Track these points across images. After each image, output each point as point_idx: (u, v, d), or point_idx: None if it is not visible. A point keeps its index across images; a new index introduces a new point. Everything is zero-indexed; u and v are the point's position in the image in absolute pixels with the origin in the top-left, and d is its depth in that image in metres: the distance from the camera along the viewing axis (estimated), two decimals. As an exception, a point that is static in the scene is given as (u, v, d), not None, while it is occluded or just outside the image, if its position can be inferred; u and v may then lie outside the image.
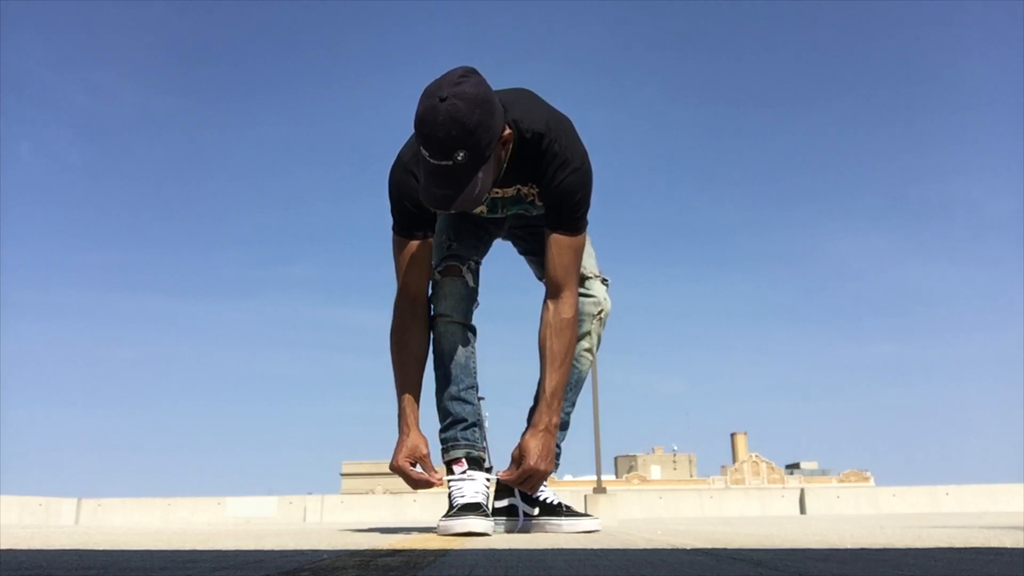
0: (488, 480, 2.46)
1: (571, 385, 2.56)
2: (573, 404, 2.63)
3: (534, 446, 2.30)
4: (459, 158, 2.03)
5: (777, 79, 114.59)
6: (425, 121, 2.03)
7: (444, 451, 2.51)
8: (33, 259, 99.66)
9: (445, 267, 2.52)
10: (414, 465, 2.39)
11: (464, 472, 2.45)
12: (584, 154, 2.33)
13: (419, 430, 2.42)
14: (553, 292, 2.40)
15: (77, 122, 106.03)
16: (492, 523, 2.31)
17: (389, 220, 2.47)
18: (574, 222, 2.35)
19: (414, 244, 2.39)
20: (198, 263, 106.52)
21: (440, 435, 2.52)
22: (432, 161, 2.05)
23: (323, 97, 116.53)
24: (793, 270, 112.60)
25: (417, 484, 2.39)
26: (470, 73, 2.09)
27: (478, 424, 2.53)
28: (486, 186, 2.12)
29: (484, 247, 2.67)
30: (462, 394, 2.51)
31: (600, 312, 2.62)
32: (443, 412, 2.52)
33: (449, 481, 2.46)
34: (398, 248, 2.42)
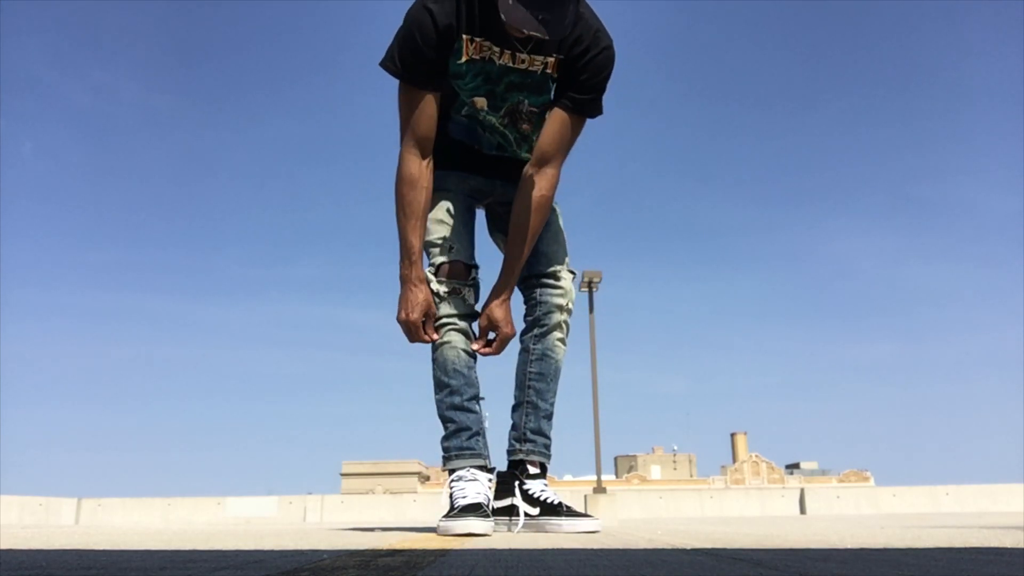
0: (491, 481, 2.48)
1: (551, 375, 2.62)
2: (555, 394, 2.66)
3: (502, 314, 2.53)
4: None
5: (778, 79, 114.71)
6: None
7: (447, 459, 2.51)
8: (33, 259, 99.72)
9: (449, 268, 2.51)
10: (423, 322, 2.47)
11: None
12: (611, 39, 2.40)
13: (427, 284, 2.48)
14: (538, 163, 2.47)
15: (79, 122, 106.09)
16: (493, 524, 2.31)
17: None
18: (589, 102, 2.41)
19: (424, 96, 2.37)
20: (199, 263, 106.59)
21: (443, 443, 2.53)
22: None
23: (324, 97, 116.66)
24: (793, 270, 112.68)
25: (421, 340, 2.47)
26: None
27: (481, 433, 2.55)
28: (572, 19, 2.18)
29: (473, 239, 2.66)
30: (466, 403, 2.51)
31: (568, 304, 2.67)
32: (447, 420, 2.52)
33: (451, 482, 2.46)
34: (407, 98, 2.39)
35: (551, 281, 2.63)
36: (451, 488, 2.46)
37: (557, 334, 2.63)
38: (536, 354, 2.62)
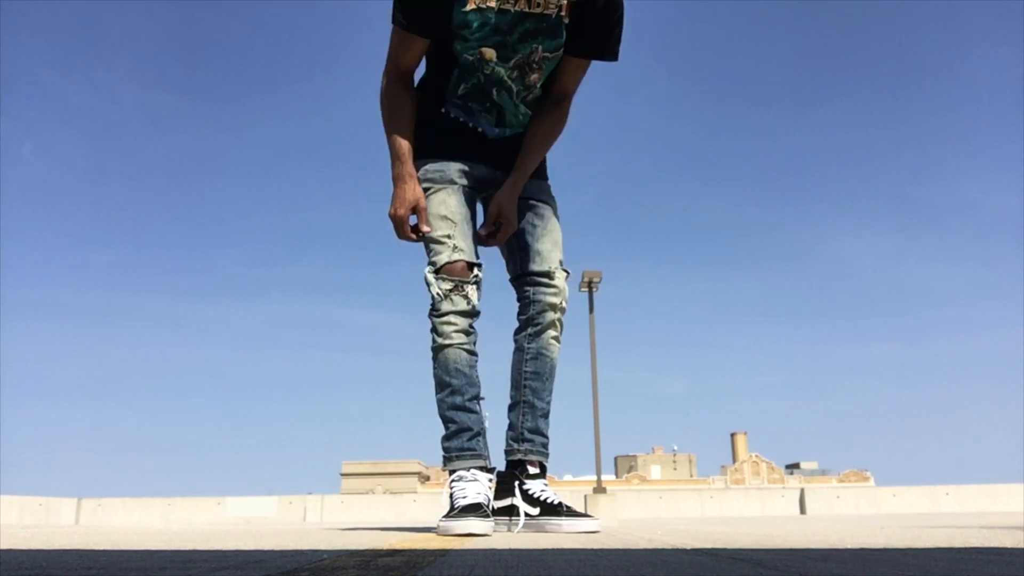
0: (491, 480, 2.48)
1: (546, 374, 2.62)
2: (551, 392, 2.67)
3: (510, 207, 2.60)
4: None
5: (778, 79, 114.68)
6: None
7: (448, 460, 2.51)
8: (33, 259, 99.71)
9: (452, 266, 2.51)
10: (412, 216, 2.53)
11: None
12: None
13: (418, 181, 2.54)
14: (556, 101, 2.64)
15: (79, 122, 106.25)
16: (492, 524, 2.31)
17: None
18: (604, 47, 2.52)
19: (415, 41, 2.47)
20: (199, 263, 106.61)
21: (444, 443, 2.52)
22: None
23: (324, 97, 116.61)
24: (793, 270, 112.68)
25: (407, 237, 2.53)
26: None
27: (482, 433, 2.55)
28: None
29: (475, 235, 2.66)
30: (467, 403, 2.51)
31: (562, 302, 2.68)
32: (447, 420, 2.51)
33: (451, 483, 2.46)
34: (400, 41, 2.49)
35: (545, 280, 2.63)
36: (451, 488, 2.46)
37: (551, 332, 2.64)
38: (531, 353, 2.62)
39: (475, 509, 2.32)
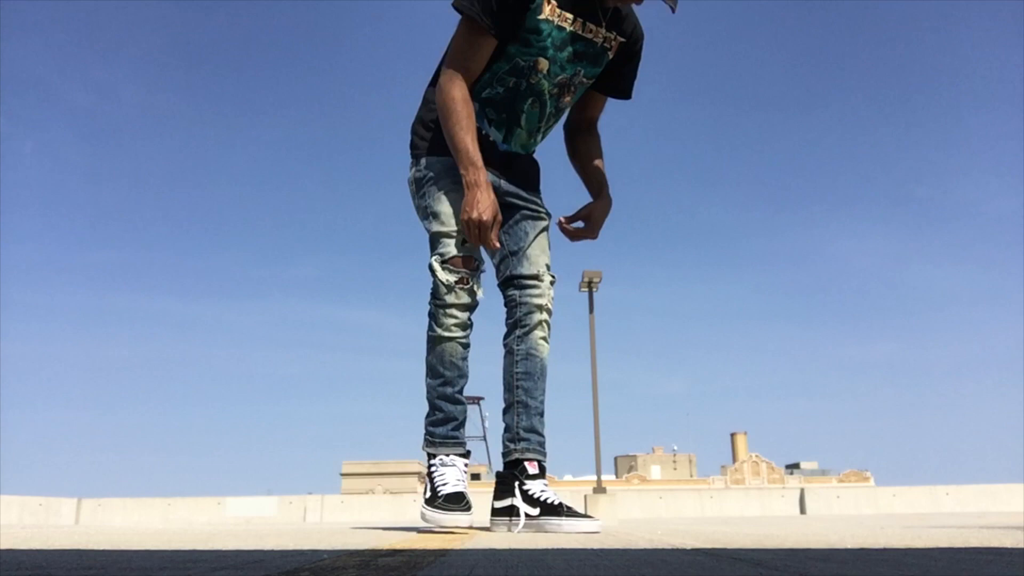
0: (467, 465, 2.62)
1: (538, 374, 2.68)
2: (543, 392, 2.72)
3: (599, 216, 2.77)
4: None
5: (778, 80, 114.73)
6: None
7: (432, 443, 2.61)
8: (33, 259, 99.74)
9: (460, 260, 2.54)
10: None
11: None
12: None
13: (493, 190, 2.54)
14: (588, 127, 2.84)
15: (79, 121, 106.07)
16: (472, 516, 2.46)
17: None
18: (626, 86, 2.74)
19: (488, 39, 2.47)
20: (199, 263, 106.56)
21: (429, 426, 2.63)
22: None
23: (326, 97, 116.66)
24: (794, 270, 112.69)
25: (491, 243, 2.48)
26: None
27: (464, 422, 2.68)
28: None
29: None
30: (456, 395, 2.61)
31: (547, 303, 2.73)
32: (435, 407, 2.62)
33: (431, 465, 2.58)
34: (471, 37, 2.48)
35: (532, 282, 2.69)
36: (431, 471, 2.57)
37: (539, 332, 2.68)
38: (520, 354, 2.67)
39: (458, 500, 2.46)
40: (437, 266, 2.54)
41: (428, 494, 2.55)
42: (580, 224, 2.76)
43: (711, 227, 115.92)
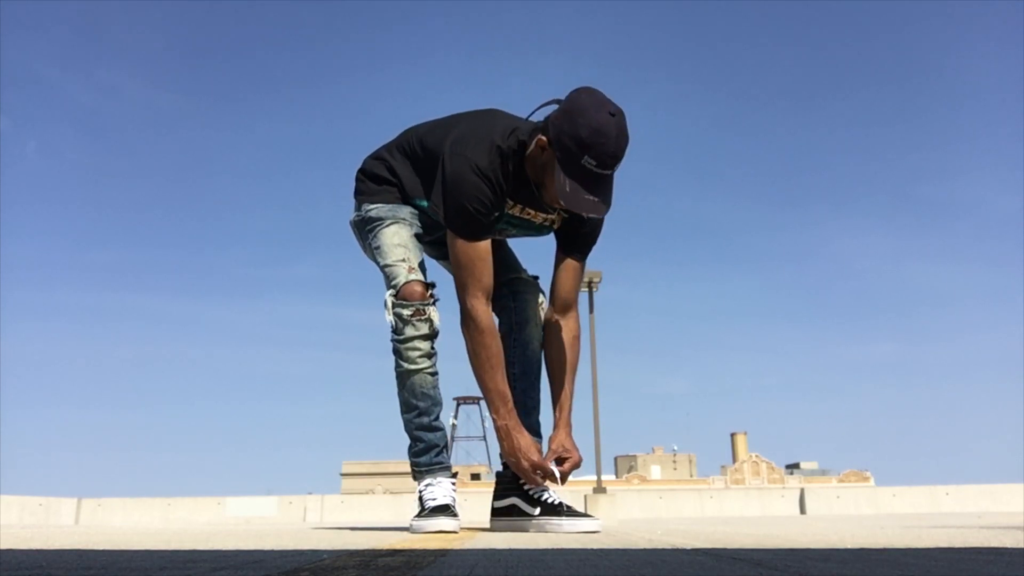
0: (453, 483, 2.63)
1: (533, 372, 2.72)
2: (539, 391, 2.75)
3: (571, 443, 2.58)
4: (617, 167, 2.29)
5: (781, 78, 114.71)
6: (603, 133, 2.23)
7: (419, 474, 2.63)
8: (33, 259, 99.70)
9: (410, 289, 2.53)
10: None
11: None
12: None
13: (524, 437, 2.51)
14: (563, 310, 2.66)
15: (82, 121, 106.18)
16: (459, 522, 2.49)
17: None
18: (588, 249, 2.65)
19: (485, 246, 2.47)
20: (199, 263, 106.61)
21: (413, 458, 2.65)
22: (597, 171, 2.26)
23: (327, 96, 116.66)
24: (795, 269, 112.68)
25: (553, 478, 2.49)
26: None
27: (447, 446, 2.72)
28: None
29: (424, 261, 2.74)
30: (433, 423, 2.62)
31: (540, 300, 2.78)
32: (416, 439, 2.63)
33: (420, 488, 2.63)
34: (470, 252, 2.44)
35: (521, 282, 2.78)
36: (421, 492, 2.62)
37: (533, 331, 2.73)
38: (515, 354, 2.69)
39: (444, 510, 2.50)
40: (390, 303, 2.54)
41: (417, 510, 2.60)
42: (560, 461, 2.56)
43: (711, 227, 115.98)
